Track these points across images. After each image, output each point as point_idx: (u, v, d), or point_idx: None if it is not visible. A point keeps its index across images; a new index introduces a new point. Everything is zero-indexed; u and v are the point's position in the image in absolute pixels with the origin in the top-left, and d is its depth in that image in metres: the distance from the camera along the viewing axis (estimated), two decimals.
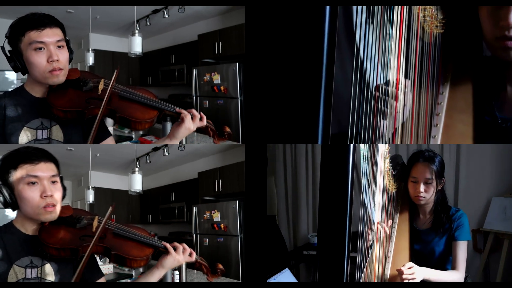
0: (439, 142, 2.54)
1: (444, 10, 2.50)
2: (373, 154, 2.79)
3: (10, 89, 2.47)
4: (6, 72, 4.12)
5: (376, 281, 2.85)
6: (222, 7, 3.96)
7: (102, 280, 2.43)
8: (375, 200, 2.87)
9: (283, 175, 4.05)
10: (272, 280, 2.85)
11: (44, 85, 2.36)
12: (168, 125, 3.21)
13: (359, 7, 2.36)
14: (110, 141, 2.55)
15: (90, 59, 4.50)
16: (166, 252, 2.41)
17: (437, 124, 2.54)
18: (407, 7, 2.43)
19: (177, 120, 2.48)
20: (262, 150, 2.75)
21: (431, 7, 2.47)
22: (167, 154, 4.50)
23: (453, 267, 2.99)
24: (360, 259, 2.78)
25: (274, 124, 2.57)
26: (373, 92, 2.44)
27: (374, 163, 2.82)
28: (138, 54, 3.95)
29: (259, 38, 2.69)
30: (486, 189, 3.88)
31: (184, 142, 3.91)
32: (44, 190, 2.18)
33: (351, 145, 2.38)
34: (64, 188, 2.31)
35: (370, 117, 2.41)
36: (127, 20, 4.35)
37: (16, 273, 2.17)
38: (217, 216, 4.26)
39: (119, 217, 3.30)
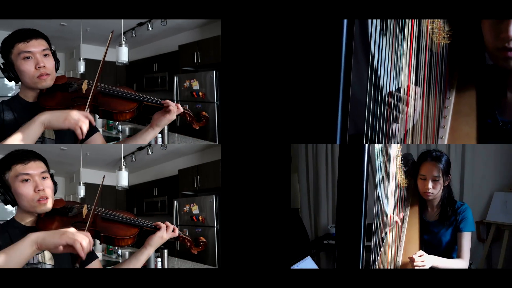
0: (446, 142, 2.59)
1: (451, 23, 2.56)
2: (386, 153, 2.86)
3: (8, 96, 2.62)
4: (6, 80, 4.24)
5: (389, 267, 2.90)
6: (200, 20, 3.97)
7: (97, 262, 2.55)
8: (388, 195, 2.93)
9: (305, 172, 4.12)
10: (295, 267, 2.88)
11: (35, 91, 2.50)
12: None
13: (374, 20, 2.43)
14: (98, 136, 2.67)
15: (81, 67, 4.51)
16: (151, 231, 2.52)
17: (444, 126, 2.59)
18: (417, 20, 2.49)
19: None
20: (286, 149, 2.78)
21: (439, 20, 2.53)
22: (150, 153, 4.51)
23: (459, 256, 3.03)
24: (375, 248, 2.86)
25: (297, 126, 2.64)
26: (386, 98, 2.50)
27: (387, 161, 2.88)
28: (124, 62, 4.03)
29: (234, 48, 2.79)
30: (489, 184, 3.91)
31: (166, 143, 3.96)
32: (36, 185, 2.33)
33: (366, 145, 2.46)
34: (55, 183, 2.44)
35: (383, 119, 2.47)
36: (115, 32, 4.40)
37: None
38: (195, 209, 4.30)
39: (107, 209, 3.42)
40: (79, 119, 2.30)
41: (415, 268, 2.87)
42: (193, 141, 2.83)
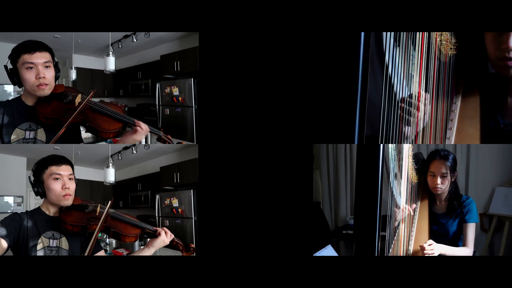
0: (452, 143, 2.68)
1: (457, 36, 2.65)
2: (399, 152, 2.91)
3: (9, 99, 2.70)
4: (5, 86, 4.18)
5: (401, 255, 2.96)
6: (180, 33, 4.03)
7: (102, 252, 2.81)
8: (401, 189, 2.98)
9: (326, 169, 4.17)
10: (317, 254, 2.92)
11: (35, 96, 2.62)
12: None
13: (388, 33, 2.52)
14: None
15: (73, 75, 4.54)
16: (150, 234, 2.78)
17: (451, 128, 2.68)
18: (427, 33, 2.59)
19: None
20: (309, 149, 2.83)
21: (446, 33, 2.62)
22: (135, 152, 4.55)
23: (464, 244, 3.08)
24: (389, 237, 2.90)
25: (320, 127, 2.74)
26: (399, 104, 2.57)
27: (400, 159, 2.93)
28: (112, 71, 4.11)
29: (210, 58, 2.85)
30: (491, 180, 3.94)
31: (149, 143, 4.04)
32: (64, 184, 2.64)
33: (381, 144, 2.55)
34: (76, 184, 2.72)
35: (396, 122, 2.55)
36: (103, 43, 4.45)
37: (43, 242, 2.62)
38: (175, 202, 4.38)
39: (96, 202, 3.31)
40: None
41: (425, 255, 2.92)
42: (173, 142, 2.95)
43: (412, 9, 2.75)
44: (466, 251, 3.08)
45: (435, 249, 2.97)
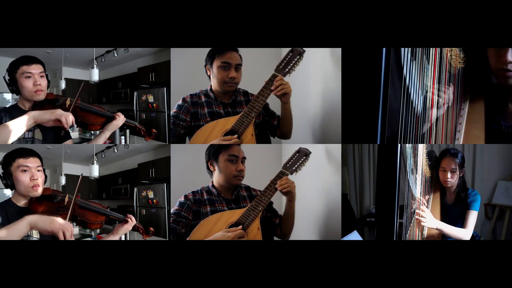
0: (461, 143, 2.70)
1: (465, 51, 2.68)
2: (414, 151, 2.93)
3: (7, 106, 2.72)
4: (4, 94, 4.21)
5: (416, 239, 2.98)
6: (154, 48, 4.13)
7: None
8: (416, 182, 2.99)
9: (353, 165, 4.22)
10: (345, 238, 2.97)
11: (31, 102, 2.66)
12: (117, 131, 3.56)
13: (406, 48, 2.57)
14: (69, 142, 2.83)
15: (62, 85, 4.67)
16: (117, 220, 2.69)
17: (459, 130, 2.70)
18: (439, 48, 2.62)
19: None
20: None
21: (456, 48, 2.64)
22: (116, 151, 4.69)
23: (464, 227, 3.07)
24: (405, 223, 2.93)
25: (347, 130, 2.76)
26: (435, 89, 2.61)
27: (415, 157, 2.95)
28: (96, 81, 4.17)
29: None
30: (494, 175, 3.94)
31: (128, 143, 4.13)
32: (32, 175, 2.53)
33: (399, 144, 2.59)
34: (45, 176, 2.62)
35: (413, 125, 2.59)
36: (88, 57, 4.52)
37: None
38: (151, 194, 4.50)
39: (83, 195, 3.25)
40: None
41: (418, 219, 2.93)
42: (149, 142, 3.02)
43: (426, 28, 2.76)
44: (464, 232, 3.06)
45: (428, 218, 2.98)
